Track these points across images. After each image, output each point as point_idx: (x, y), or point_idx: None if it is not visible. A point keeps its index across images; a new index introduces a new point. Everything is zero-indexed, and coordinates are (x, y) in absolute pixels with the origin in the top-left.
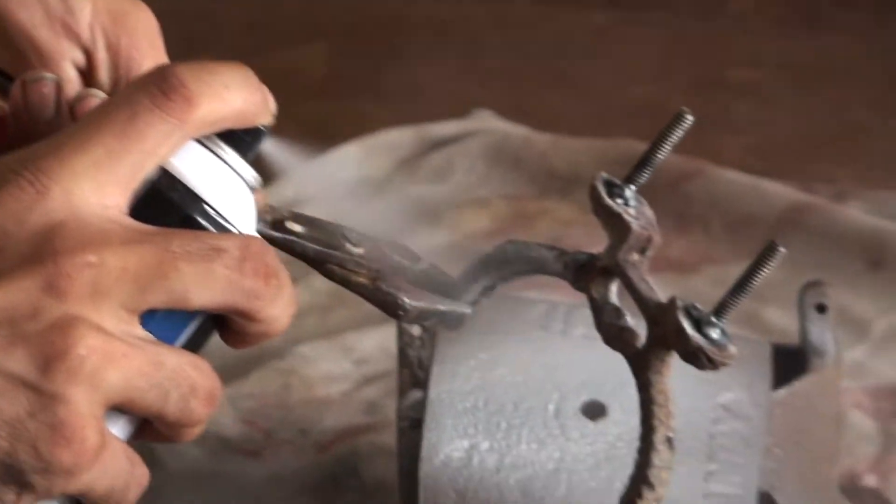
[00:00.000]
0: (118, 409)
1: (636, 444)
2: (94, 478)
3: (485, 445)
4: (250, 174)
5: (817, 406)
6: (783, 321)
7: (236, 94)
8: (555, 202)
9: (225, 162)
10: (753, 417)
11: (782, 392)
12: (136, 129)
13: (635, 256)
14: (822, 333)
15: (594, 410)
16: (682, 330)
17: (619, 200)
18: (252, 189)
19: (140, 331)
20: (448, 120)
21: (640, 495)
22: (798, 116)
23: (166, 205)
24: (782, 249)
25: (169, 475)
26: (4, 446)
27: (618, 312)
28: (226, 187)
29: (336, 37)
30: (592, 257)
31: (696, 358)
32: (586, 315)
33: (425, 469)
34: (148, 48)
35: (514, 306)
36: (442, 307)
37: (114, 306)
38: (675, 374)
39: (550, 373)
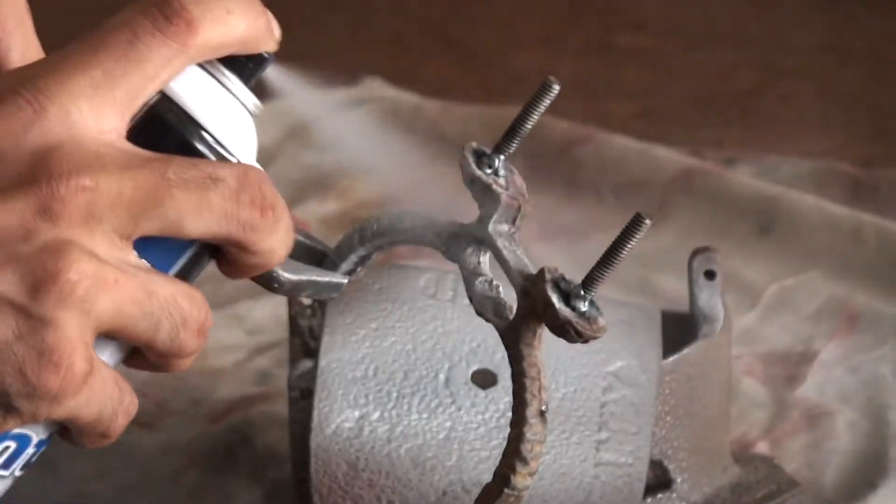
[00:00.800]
0: (108, 336)
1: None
2: (80, 404)
3: (375, 415)
4: (252, 101)
5: (708, 373)
6: (673, 288)
7: (239, 19)
8: (447, 169)
9: (226, 88)
10: (644, 385)
11: (673, 359)
12: (136, 52)
13: (506, 227)
14: (712, 299)
15: (485, 379)
16: (550, 303)
17: (489, 170)
18: (253, 116)
19: (133, 257)
20: (338, 87)
21: (513, 470)
22: (687, 81)
23: (164, 130)
24: (648, 221)
25: (59, 444)
26: None
27: (490, 284)
28: (226, 114)
29: None
30: (463, 227)
31: (565, 331)
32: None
33: (316, 440)
34: (15, 27)
35: (404, 274)
36: (317, 278)
37: (107, 231)
38: (564, 344)
39: (440, 341)
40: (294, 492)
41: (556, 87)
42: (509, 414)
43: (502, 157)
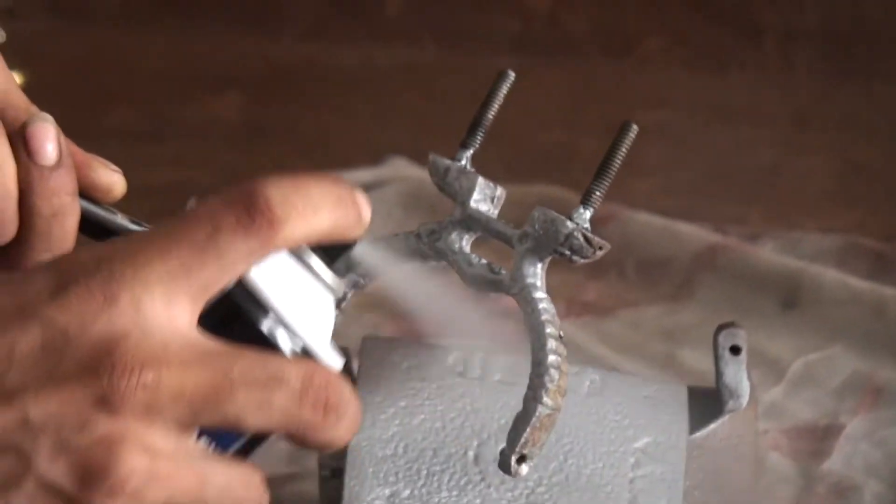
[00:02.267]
0: None
1: (556, 489)
2: None
3: (406, 493)
4: (334, 281)
5: (735, 448)
6: (699, 363)
7: (326, 215)
8: (473, 248)
9: (308, 268)
10: (671, 461)
11: (700, 434)
12: (216, 245)
13: (485, 206)
14: (737, 375)
15: None
16: (554, 218)
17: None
18: (335, 296)
19: (191, 443)
20: (363, 167)
21: (543, 385)
22: (708, 157)
23: (236, 316)
24: (635, 126)
25: None
26: None
27: (484, 265)
28: (304, 297)
29: (249, 86)
30: (440, 222)
31: (573, 241)
32: (504, 361)
33: None
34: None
35: (432, 353)
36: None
37: (166, 423)
38: (591, 420)
39: (469, 419)
40: None
41: (512, 76)
42: (539, 490)
43: (469, 152)
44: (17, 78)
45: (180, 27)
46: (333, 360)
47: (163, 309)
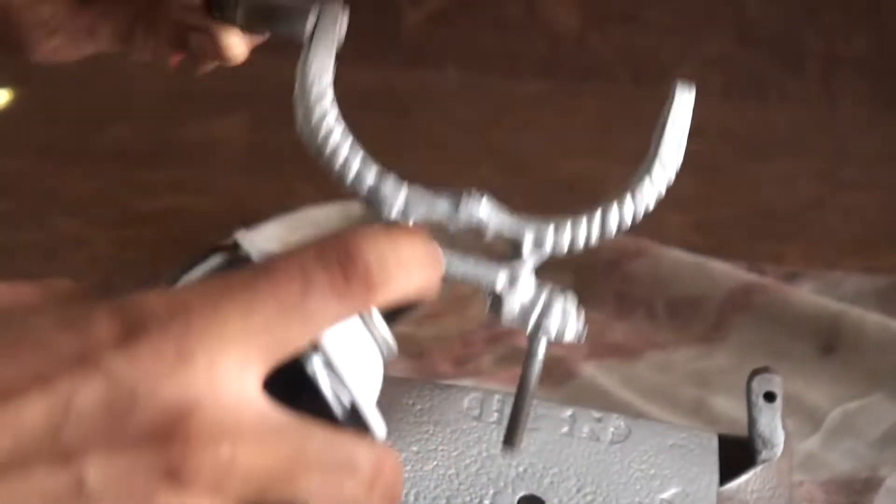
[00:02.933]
0: None
1: None
2: None
3: None
4: (391, 349)
5: (768, 501)
6: (731, 410)
7: (416, 279)
8: None
9: (372, 335)
10: None
11: (730, 486)
12: (305, 306)
13: None
14: (772, 423)
15: None
16: None
17: None
18: (386, 357)
19: None
20: None
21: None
22: (744, 191)
23: (306, 385)
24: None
25: None
26: None
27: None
28: (368, 367)
29: (256, 106)
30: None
31: None
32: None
33: None
34: None
35: (447, 395)
36: None
37: (229, 498)
38: (615, 470)
39: (485, 465)
40: None
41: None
42: None
43: None
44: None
45: None
46: (380, 429)
47: (236, 372)
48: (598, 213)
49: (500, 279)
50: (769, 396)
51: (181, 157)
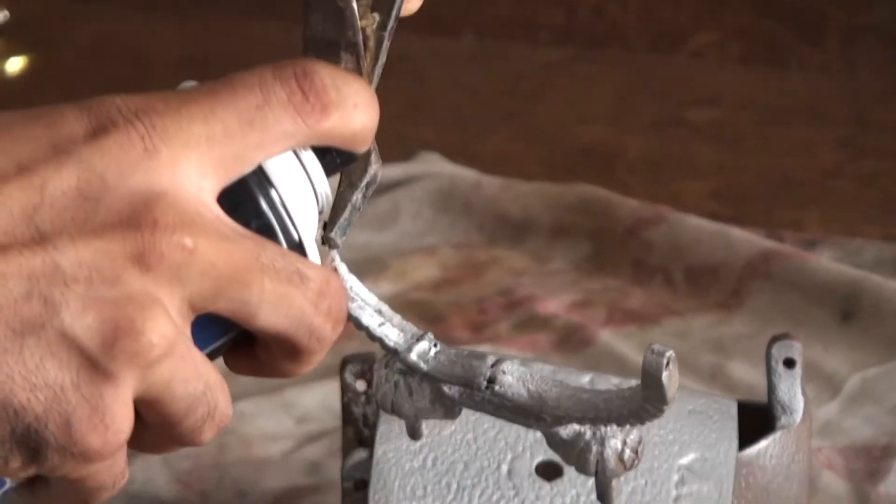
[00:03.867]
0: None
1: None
2: (99, 470)
3: None
4: (326, 196)
5: (787, 467)
6: (749, 377)
7: (361, 116)
8: (506, 250)
9: (308, 176)
10: (719, 479)
11: (749, 452)
12: (263, 119)
13: None
14: (791, 390)
15: (549, 471)
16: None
17: None
18: (320, 212)
19: (188, 331)
20: (393, 163)
21: None
22: (763, 158)
23: (252, 205)
24: None
25: None
26: (37, 410)
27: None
28: (305, 203)
29: None
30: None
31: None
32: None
33: None
34: None
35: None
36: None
37: (184, 298)
38: None
39: (503, 430)
40: None
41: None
42: None
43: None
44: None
45: (198, 10)
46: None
47: (195, 175)
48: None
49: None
50: (789, 363)
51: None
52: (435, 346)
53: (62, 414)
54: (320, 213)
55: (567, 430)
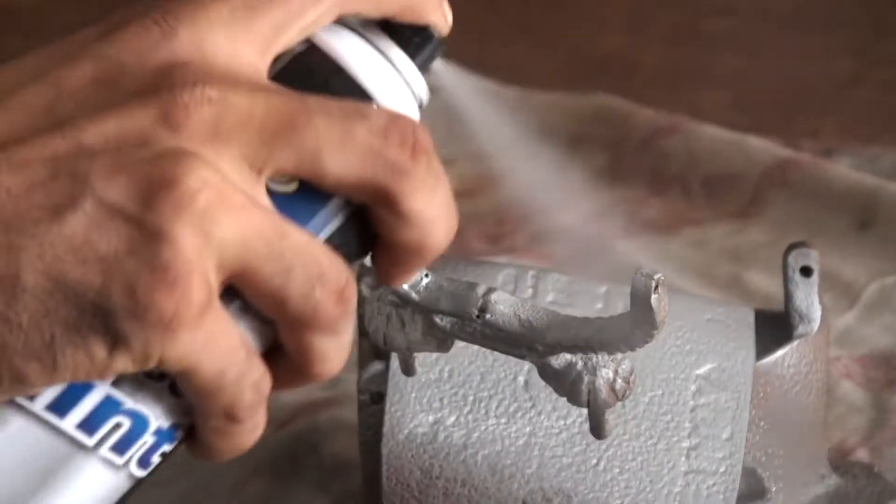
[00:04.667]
0: (232, 290)
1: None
2: (198, 346)
3: (451, 420)
4: (420, 86)
5: (804, 376)
6: (767, 285)
7: None
8: (524, 163)
9: (390, 61)
10: (736, 388)
11: (767, 361)
12: None
13: None
14: (808, 298)
15: None
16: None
17: None
18: (420, 104)
19: (266, 199)
20: None
21: None
22: (780, 67)
23: (313, 76)
24: None
25: None
26: (96, 283)
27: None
28: (391, 88)
29: None
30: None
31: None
32: (556, 280)
33: (388, 446)
34: None
35: (481, 271)
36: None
37: (236, 157)
38: (650, 345)
39: None
40: (364, 501)
41: None
42: None
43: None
44: None
45: None
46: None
47: (227, 48)
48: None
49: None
50: (806, 271)
51: None
52: (426, 276)
53: (123, 282)
54: (420, 101)
55: (558, 361)
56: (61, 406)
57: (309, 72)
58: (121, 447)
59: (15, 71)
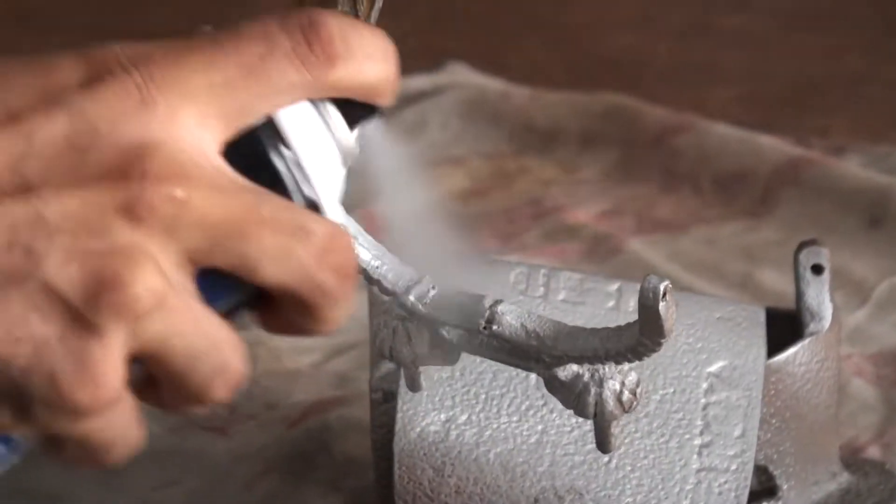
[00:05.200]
0: (139, 357)
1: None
2: (97, 428)
3: (462, 418)
4: (351, 151)
5: (816, 374)
6: (778, 284)
7: (374, 67)
8: (534, 160)
9: (330, 130)
10: (748, 386)
11: (778, 359)
12: (266, 69)
13: None
14: (819, 296)
15: None
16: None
17: None
18: (346, 166)
19: (191, 286)
20: (419, 73)
21: None
22: (791, 64)
23: (261, 158)
24: None
25: None
26: (21, 364)
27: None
28: (324, 157)
29: None
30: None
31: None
32: (568, 278)
33: (400, 444)
34: None
35: (492, 269)
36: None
37: (179, 251)
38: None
39: None
40: (376, 500)
41: None
42: None
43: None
44: None
45: None
46: (341, 220)
47: (195, 126)
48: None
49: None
50: (817, 269)
51: None
52: (433, 288)
53: (47, 368)
54: (345, 165)
55: (565, 372)
56: None
57: (260, 149)
58: None
59: None
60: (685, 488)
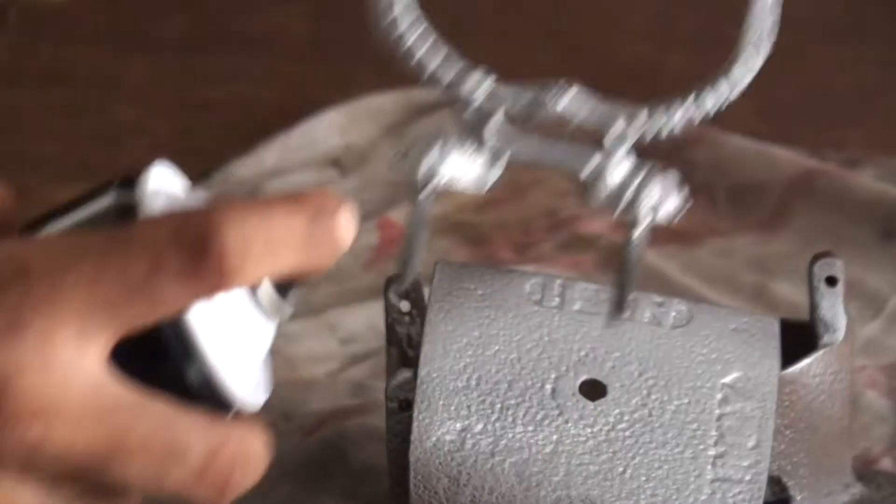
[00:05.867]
0: None
1: (638, 425)
2: None
3: (478, 427)
4: (280, 312)
5: (829, 385)
6: (792, 295)
7: (290, 258)
8: (549, 171)
9: (254, 298)
10: (762, 397)
11: (792, 370)
12: (151, 287)
13: None
14: (833, 308)
15: (593, 390)
16: None
17: None
18: (275, 323)
19: (64, 491)
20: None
21: None
22: (806, 76)
23: (157, 354)
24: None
25: None
26: None
27: None
28: (239, 327)
29: None
30: None
31: None
32: (583, 289)
33: (416, 453)
34: None
35: (508, 280)
36: None
37: (41, 479)
38: (677, 354)
39: (547, 350)
40: None
41: None
42: (620, 426)
43: None
44: None
45: None
46: (248, 399)
47: (73, 345)
48: (693, 97)
49: (594, 160)
50: (831, 281)
51: (242, 46)
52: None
53: None
54: (275, 321)
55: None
56: None
57: (157, 346)
58: None
59: None
60: (699, 498)
